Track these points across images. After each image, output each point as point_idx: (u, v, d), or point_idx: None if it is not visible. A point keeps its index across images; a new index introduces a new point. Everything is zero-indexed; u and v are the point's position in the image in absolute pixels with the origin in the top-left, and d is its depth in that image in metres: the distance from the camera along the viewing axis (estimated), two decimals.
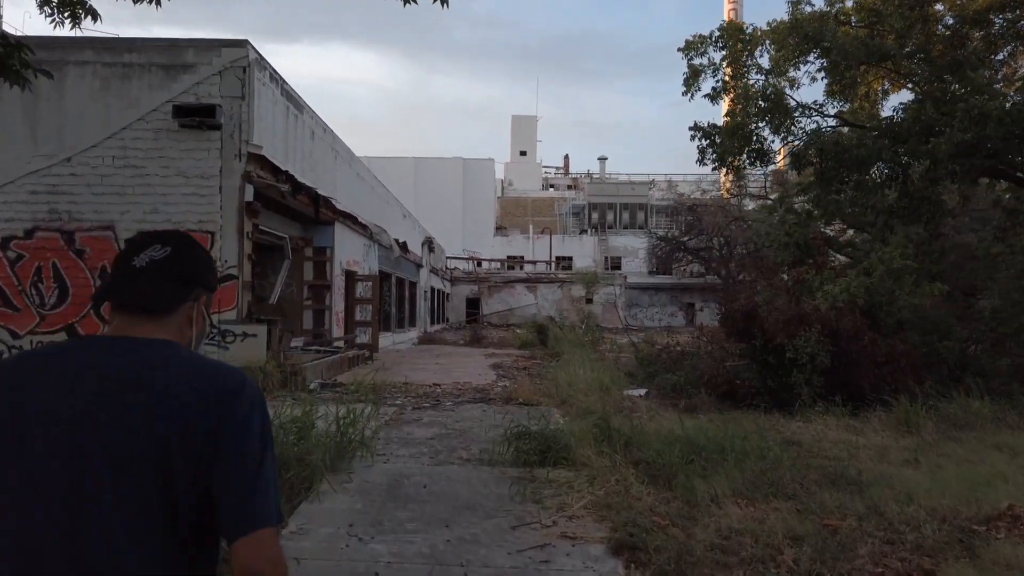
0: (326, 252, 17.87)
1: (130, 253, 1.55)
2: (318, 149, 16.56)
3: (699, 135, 14.42)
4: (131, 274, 1.53)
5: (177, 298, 1.56)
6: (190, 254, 1.61)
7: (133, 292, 1.52)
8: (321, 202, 15.75)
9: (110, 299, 1.53)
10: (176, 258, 1.57)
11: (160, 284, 1.53)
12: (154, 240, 1.59)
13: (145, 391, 1.39)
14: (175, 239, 1.61)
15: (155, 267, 1.53)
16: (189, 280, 1.59)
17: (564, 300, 46.57)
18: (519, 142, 76.58)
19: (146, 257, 1.54)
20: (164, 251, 1.56)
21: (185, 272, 1.58)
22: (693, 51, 14.12)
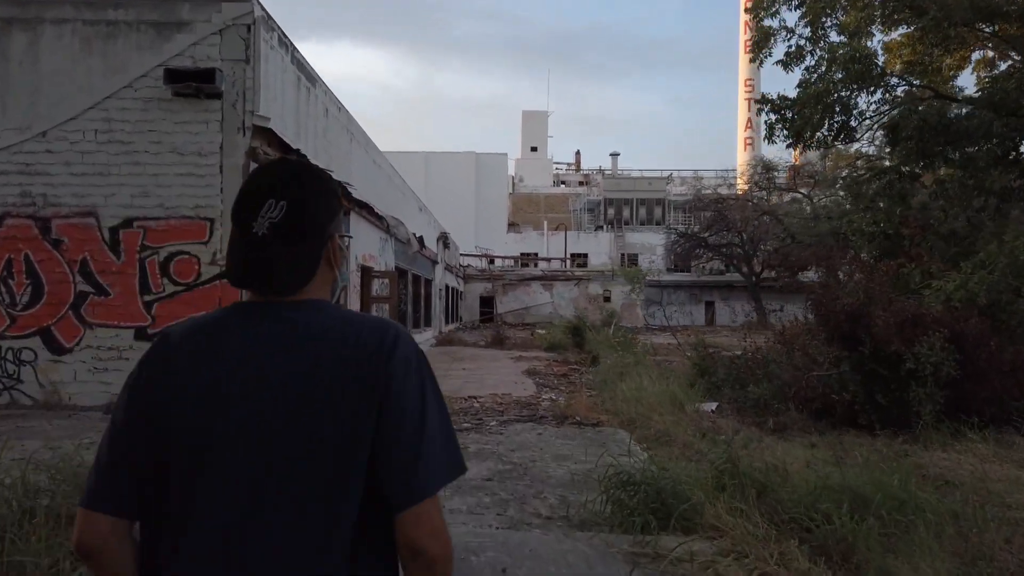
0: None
1: (247, 216, 1.34)
2: (332, 129, 14.63)
3: (767, 108, 12.44)
4: (255, 249, 1.33)
5: (314, 260, 1.38)
6: (310, 199, 1.37)
7: (265, 276, 1.34)
8: (339, 189, 13.78)
9: (243, 288, 1.37)
10: (297, 213, 1.34)
11: (291, 254, 1.34)
12: (264, 193, 1.35)
13: (307, 360, 1.28)
14: (286, 186, 1.36)
15: (279, 233, 1.32)
16: (319, 231, 1.38)
17: (581, 298, 44.60)
18: (529, 138, 74.71)
19: (264, 221, 1.32)
20: (280, 208, 1.33)
21: (313, 224, 1.37)
22: (763, 10, 12.13)
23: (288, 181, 1.38)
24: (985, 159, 10.80)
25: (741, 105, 72.13)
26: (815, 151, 13.48)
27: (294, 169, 1.43)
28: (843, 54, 11.06)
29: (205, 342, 1.33)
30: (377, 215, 18.00)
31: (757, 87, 71.47)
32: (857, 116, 11.77)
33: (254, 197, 1.36)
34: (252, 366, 1.29)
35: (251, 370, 1.29)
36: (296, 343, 1.30)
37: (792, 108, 12.00)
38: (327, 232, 1.41)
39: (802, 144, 12.36)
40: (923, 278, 10.74)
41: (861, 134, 12.81)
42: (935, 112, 10.43)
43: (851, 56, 10.89)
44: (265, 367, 1.29)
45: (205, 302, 10.24)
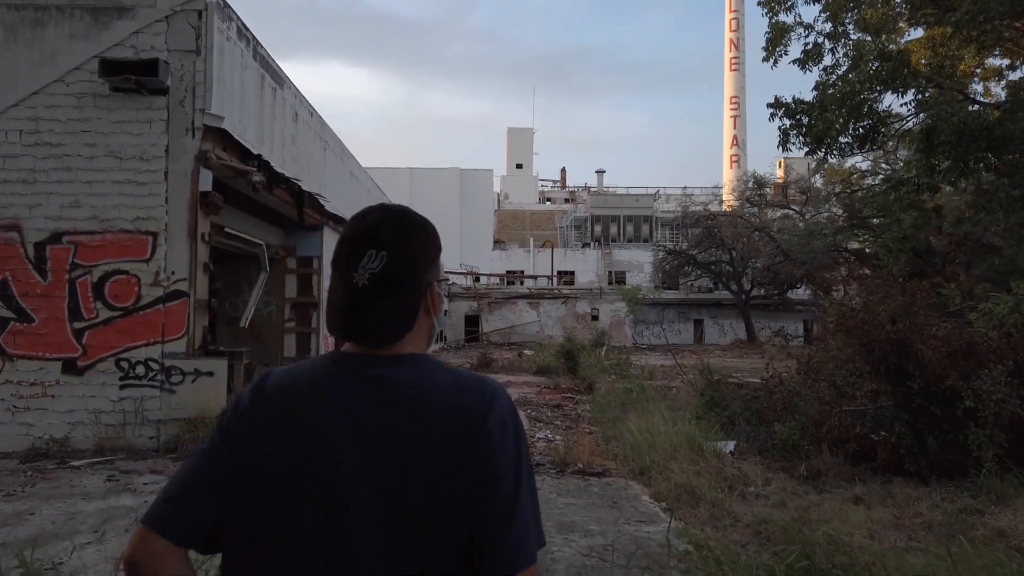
0: (312, 263, 14.50)
1: (346, 265, 1.32)
2: (303, 136, 13.21)
3: (780, 113, 11.17)
4: (354, 300, 1.30)
5: (412, 311, 1.34)
6: (411, 249, 1.34)
7: (365, 328, 1.32)
8: (306, 200, 12.38)
9: (343, 339, 1.34)
10: (398, 264, 1.31)
11: (390, 306, 1.32)
12: (365, 242, 1.32)
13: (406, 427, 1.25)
14: (387, 235, 1.32)
15: (379, 284, 1.30)
16: (418, 281, 1.35)
17: (569, 317, 43.23)
18: (515, 155, 73.58)
19: (365, 272, 1.30)
20: (380, 258, 1.30)
21: (412, 275, 1.34)
22: (778, 4, 10.88)
23: (389, 230, 1.34)
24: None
25: (727, 123, 71.56)
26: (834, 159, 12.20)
27: (395, 217, 1.38)
28: (871, 50, 9.78)
29: (307, 397, 1.29)
30: None
31: (743, 104, 71.00)
32: (885, 120, 10.52)
33: (354, 246, 1.33)
34: (350, 428, 1.25)
35: (347, 433, 1.25)
36: (395, 405, 1.27)
37: (810, 112, 10.75)
38: (426, 281, 1.38)
39: (823, 151, 11.10)
40: (963, 299, 9.45)
41: (889, 139, 11.56)
42: (975, 116, 9.21)
43: (881, 53, 9.63)
44: (364, 429, 1.25)
45: (146, 330, 8.75)
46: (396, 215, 1.38)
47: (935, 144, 9.80)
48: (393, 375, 1.29)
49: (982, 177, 10.48)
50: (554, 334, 41.64)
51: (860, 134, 10.51)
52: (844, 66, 10.58)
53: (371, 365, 1.30)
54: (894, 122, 10.92)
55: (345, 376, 1.29)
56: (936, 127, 9.47)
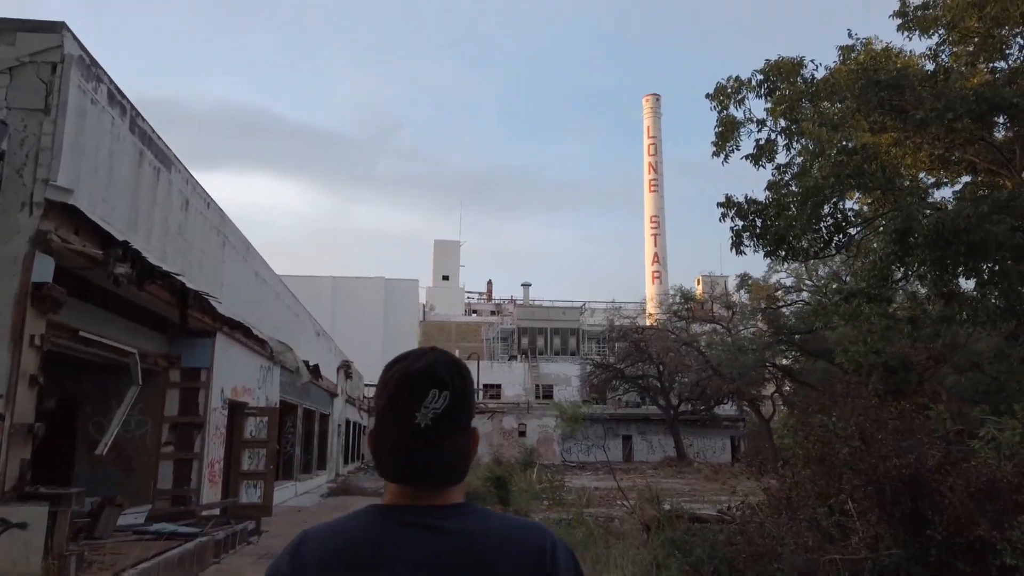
0: (200, 375, 12.24)
1: (405, 405, 1.27)
2: (195, 227, 11.30)
3: (732, 213, 10.02)
4: (418, 440, 1.26)
5: (468, 452, 1.33)
6: (466, 388, 1.33)
7: (430, 470, 1.27)
8: (191, 300, 10.33)
9: (408, 484, 1.29)
10: (460, 404, 1.30)
11: (454, 447, 1.29)
12: (427, 381, 1.29)
13: (482, 573, 1.24)
14: (447, 375, 1.31)
15: (443, 424, 1.27)
16: (469, 421, 1.34)
17: (495, 433, 40.90)
18: (441, 267, 72.59)
19: (428, 412, 1.27)
20: (444, 397, 1.28)
21: (468, 416, 1.33)
22: (727, 98, 9.94)
23: (448, 370, 1.32)
24: (1019, 275, 8.51)
25: (647, 240, 72.82)
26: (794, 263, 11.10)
27: (449, 357, 1.37)
28: (833, 143, 8.85)
29: (357, 558, 1.25)
30: (256, 337, 14.42)
31: (662, 223, 72.64)
32: (849, 219, 9.49)
33: (416, 384, 1.29)
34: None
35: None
36: (457, 562, 1.24)
37: (764, 213, 9.65)
38: (472, 424, 1.37)
39: (784, 252, 9.95)
40: (953, 422, 8.11)
41: (852, 241, 10.49)
42: (951, 216, 8.22)
43: (844, 148, 8.69)
44: None
45: None
46: (450, 356, 1.36)
47: (909, 247, 8.75)
48: (452, 527, 1.26)
49: (958, 286, 9.50)
50: (480, 451, 39.07)
51: (824, 235, 9.44)
52: (799, 163, 9.66)
53: (428, 516, 1.27)
54: (860, 222, 9.95)
55: (398, 533, 1.25)
56: (911, 227, 8.44)
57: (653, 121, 73.54)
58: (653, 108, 73.79)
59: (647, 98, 74.52)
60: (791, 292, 31.07)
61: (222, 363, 12.69)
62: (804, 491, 8.78)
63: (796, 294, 31.08)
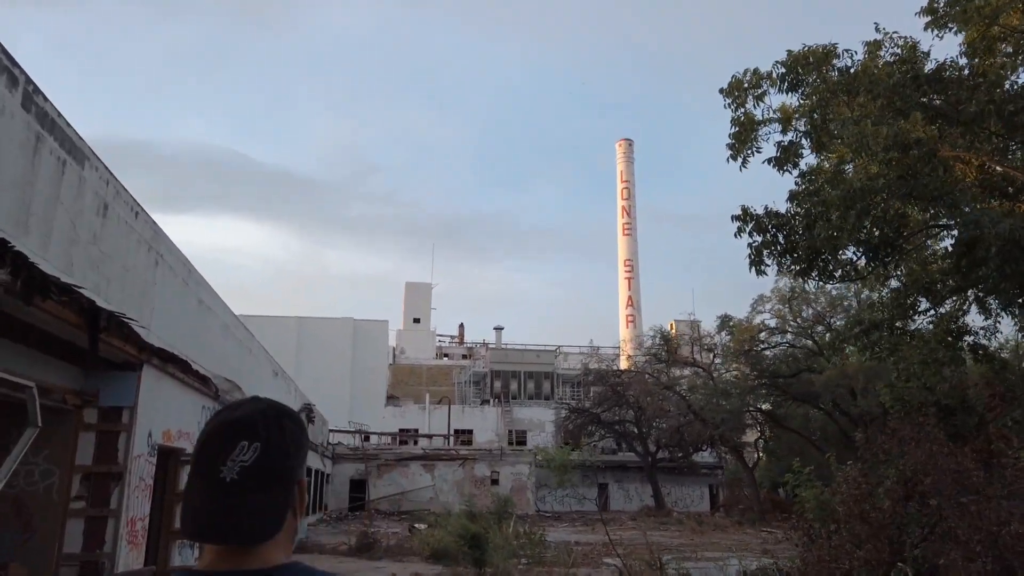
0: (122, 416, 10.24)
1: (212, 458, 1.16)
2: (117, 239, 9.46)
3: (749, 227, 8.51)
4: (222, 495, 1.14)
5: (284, 507, 1.20)
6: (284, 440, 1.22)
7: (233, 526, 1.14)
8: (105, 323, 8.43)
9: (206, 541, 1.16)
10: (272, 456, 1.19)
11: (262, 502, 1.16)
12: (236, 432, 1.18)
13: None
14: (262, 425, 1.20)
15: (249, 478, 1.15)
16: (289, 478, 1.22)
17: (466, 481, 38.59)
18: (412, 309, 70.56)
19: (235, 465, 1.15)
20: (254, 450, 1.17)
21: (284, 470, 1.21)
22: (743, 94, 8.50)
23: (264, 419, 1.21)
24: None
25: (621, 284, 71.84)
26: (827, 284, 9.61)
27: (268, 405, 1.25)
28: (883, 138, 7.40)
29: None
30: (196, 373, 12.45)
31: (636, 266, 71.76)
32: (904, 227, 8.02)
33: (224, 437, 1.18)
34: None
35: None
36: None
37: (786, 226, 8.18)
38: (296, 476, 1.24)
39: (815, 272, 8.45)
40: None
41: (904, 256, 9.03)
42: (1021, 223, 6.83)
43: (896, 141, 7.23)
44: None
45: None
46: (269, 404, 1.25)
47: (976, 260, 7.29)
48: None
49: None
50: (450, 500, 36.78)
51: (871, 246, 7.95)
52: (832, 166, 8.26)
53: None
54: (914, 231, 8.53)
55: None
56: (981, 236, 6.98)
57: (626, 166, 73.29)
58: (626, 153, 73.63)
59: (620, 143, 74.40)
60: (776, 334, 29.74)
61: (151, 402, 10.71)
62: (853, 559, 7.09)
63: (780, 335, 29.75)
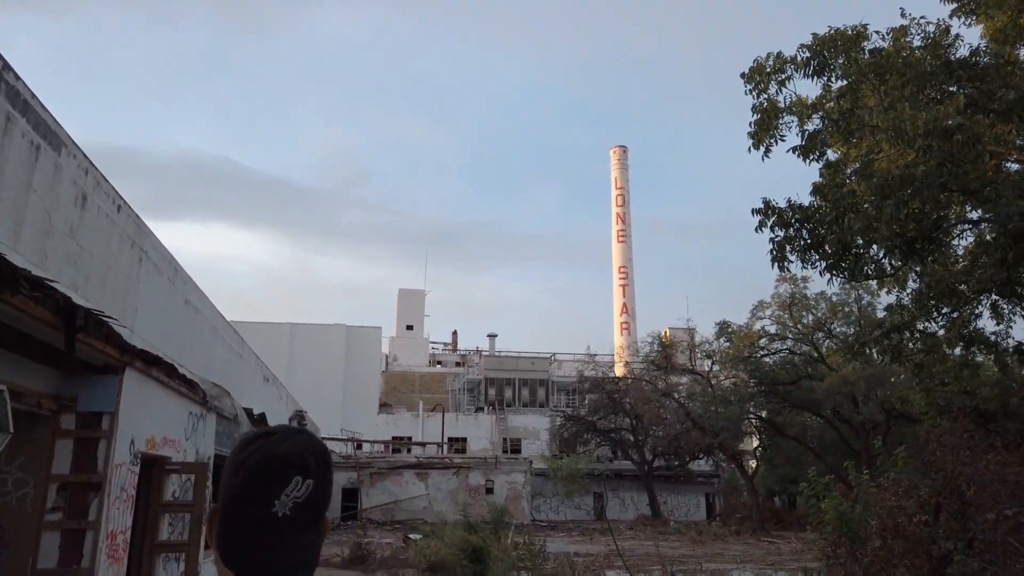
0: (102, 422, 9.60)
1: (265, 492, 1.13)
2: (96, 232, 8.87)
3: (771, 222, 7.99)
4: (275, 532, 1.12)
5: (320, 541, 1.22)
6: (326, 478, 1.21)
7: (286, 561, 1.13)
8: (83, 321, 7.82)
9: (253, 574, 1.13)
10: (321, 493, 1.19)
11: (312, 538, 1.18)
12: (288, 467, 1.15)
13: None
14: (314, 462, 1.19)
15: (301, 514, 1.15)
16: (325, 512, 1.23)
17: (461, 490, 37.88)
18: (406, 316, 69.92)
19: (289, 501, 1.14)
20: (307, 486, 1.16)
21: (325, 507, 1.22)
22: (766, 79, 8.00)
23: (316, 456, 1.20)
24: None
25: (616, 291, 71.39)
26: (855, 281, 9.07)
27: (317, 443, 1.24)
28: (923, 123, 6.85)
29: None
30: (183, 377, 11.82)
31: (631, 274, 71.34)
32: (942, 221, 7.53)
33: (277, 472, 1.15)
34: None
35: None
36: None
37: (811, 219, 7.66)
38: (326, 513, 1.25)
39: (844, 268, 7.93)
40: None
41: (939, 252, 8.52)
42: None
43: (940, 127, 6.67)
44: None
45: None
46: (312, 438, 1.23)
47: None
48: None
49: None
50: (444, 509, 36.07)
51: (907, 240, 7.43)
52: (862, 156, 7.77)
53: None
54: (955, 223, 8.04)
55: None
56: None
57: (620, 172, 72.97)
58: (620, 160, 73.32)
59: (614, 150, 74.10)
60: (776, 340, 29.27)
61: (133, 407, 10.08)
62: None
63: (780, 342, 29.27)
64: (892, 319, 9.43)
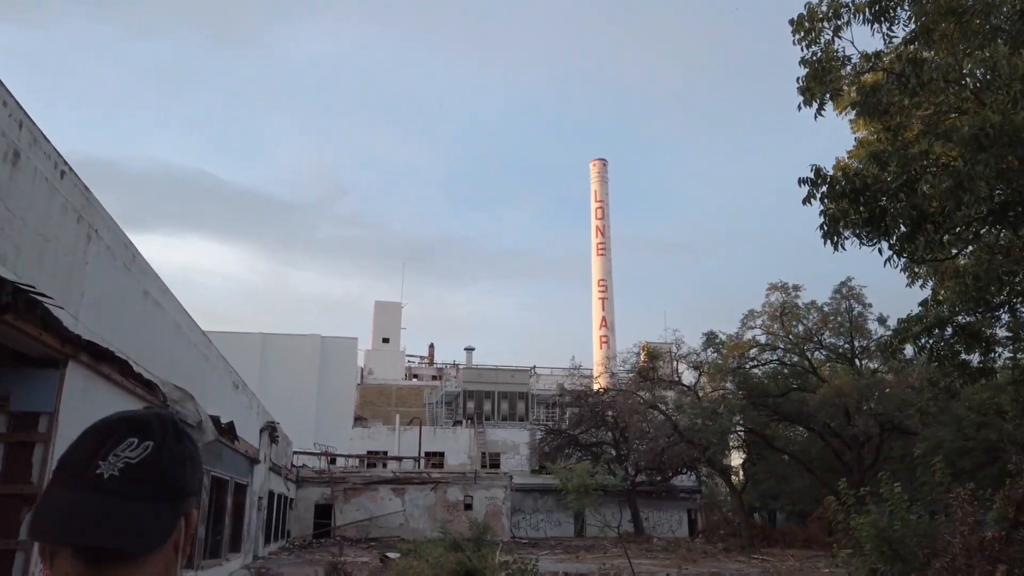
0: (38, 423, 8.23)
1: (91, 450, 0.96)
2: (32, 198, 7.53)
3: (822, 191, 6.93)
4: (96, 492, 0.92)
5: (168, 527, 0.96)
6: (179, 450, 1.02)
7: (105, 529, 0.89)
8: (9, 298, 6.50)
9: (65, 542, 0.90)
10: (163, 460, 0.98)
11: (143, 509, 0.94)
12: (124, 428, 0.99)
13: None
14: (158, 425, 1.02)
15: (133, 477, 0.94)
16: (178, 492, 1.00)
17: (439, 506, 36.38)
18: (382, 328, 68.35)
19: (118, 461, 0.95)
20: (144, 448, 0.97)
21: (174, 481, 0.99)
22: (818, 26, 6.97)
23: (158, 422, 1.04)
24: None
25: (595, 304, 70.43)
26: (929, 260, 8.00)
27: (167, 414, 1.10)
28: None
29: None
30: (139, 377, 10.44)
31: (610, 287, 70.49)
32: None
33: (107, 432, 0.97)
34: None
35: None
36: None
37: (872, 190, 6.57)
38: (187, 504, 1.02)
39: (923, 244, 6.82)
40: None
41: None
42: None
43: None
44: None
45: None
46: (172, 417, 1.08)
47: None
48: None
49: None
50: (421, 526, 34.54)
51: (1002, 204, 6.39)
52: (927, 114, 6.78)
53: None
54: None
55: None
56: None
57: (600, 185, 72.32)
58: (600, 172, 72.70)
59: (594, 162, 73.47)
60: (766, 350, 28.36)
61: (78, 408, 8.69)
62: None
63: (771, 352, 28.37)
64: (938, 312, 8.44)
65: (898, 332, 8.92)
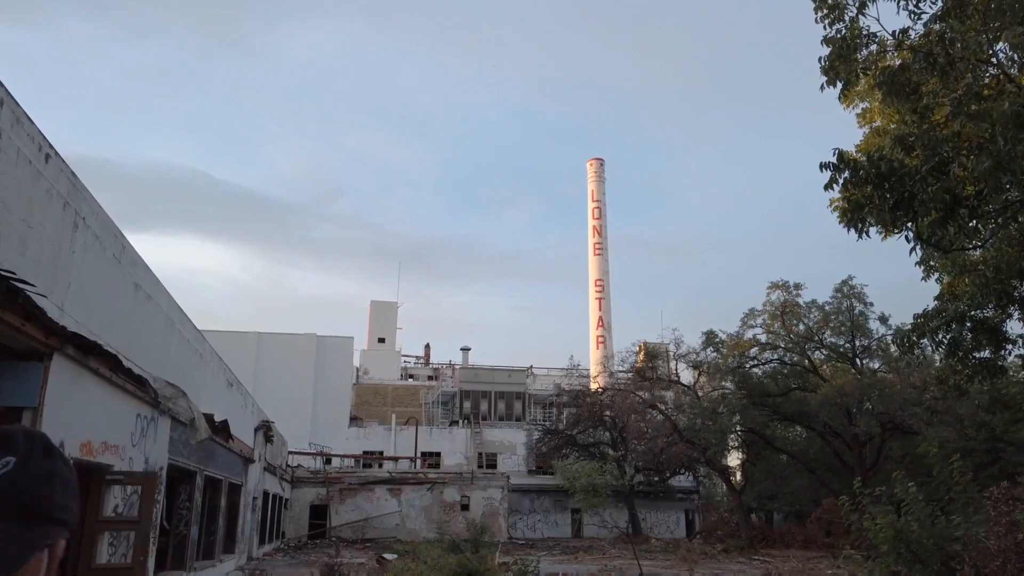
0: (21, 420, 7.82)
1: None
2: (16, 179, 7.15)
3: (845, 176, 6.60)
4: None
5: (23, 553, 0.90)
6: (49, 468, 0.96)
7: None
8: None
9: None
10: (24, 478, 0.92)
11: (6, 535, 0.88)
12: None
13: None
14: (24, 439, 0.97)
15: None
16: (40, 517, 0.93)
17: (435, 506, 35.97)
18: (378, 328, 67.89)
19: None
20: (6, 463, 0.91)
21: (37, 503, 0.92)
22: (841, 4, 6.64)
23: (25, 438, 0.97)
24: None
25: (592, 304, 70.10)
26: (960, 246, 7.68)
27: (45, 438, 1.02)
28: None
29: None
30: (129, 373, 10.06)
31: (607, 286, 70.16)
32: None
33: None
34: None
35: None
36: None
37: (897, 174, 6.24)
38: (51, 529, 0.93)
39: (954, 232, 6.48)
40: None
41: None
42: None
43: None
44: None
45: None
46: (43, 436, 1.01)
47: None
48: None
49: None
50: (418, 527, 34.18)
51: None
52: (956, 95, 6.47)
53: None
54: None
55: None
56: None
57: (597, 185, 71.97)
58: (597, 172, 72.36)
59: (591, 162, 73.14)
60: (767, 349, 28.05)
61: (63, 404, 8.31)
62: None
63: (771, 351, 28.07)
64: (957, 306, 8.14)
65: (916, 326, 8.61)
